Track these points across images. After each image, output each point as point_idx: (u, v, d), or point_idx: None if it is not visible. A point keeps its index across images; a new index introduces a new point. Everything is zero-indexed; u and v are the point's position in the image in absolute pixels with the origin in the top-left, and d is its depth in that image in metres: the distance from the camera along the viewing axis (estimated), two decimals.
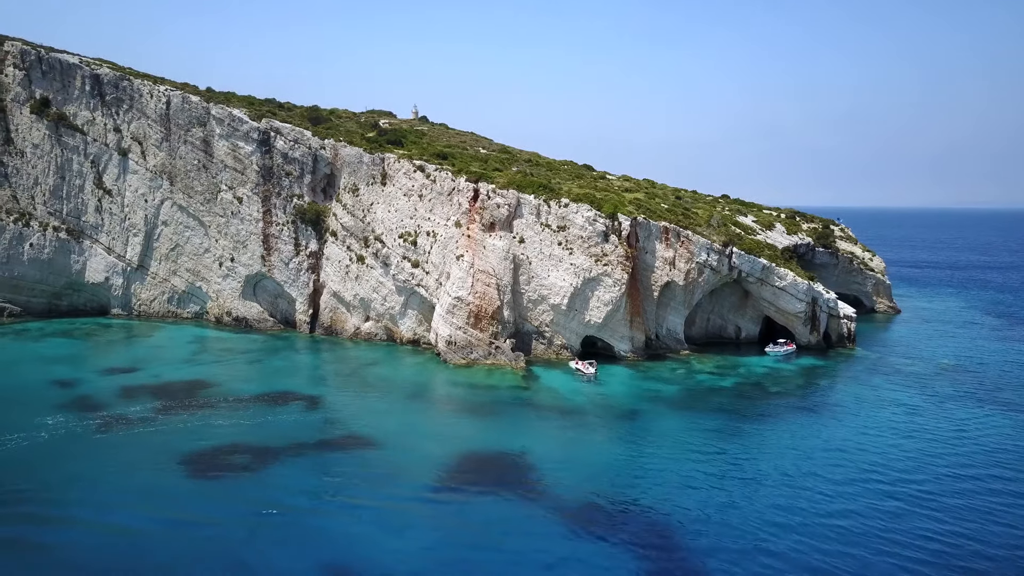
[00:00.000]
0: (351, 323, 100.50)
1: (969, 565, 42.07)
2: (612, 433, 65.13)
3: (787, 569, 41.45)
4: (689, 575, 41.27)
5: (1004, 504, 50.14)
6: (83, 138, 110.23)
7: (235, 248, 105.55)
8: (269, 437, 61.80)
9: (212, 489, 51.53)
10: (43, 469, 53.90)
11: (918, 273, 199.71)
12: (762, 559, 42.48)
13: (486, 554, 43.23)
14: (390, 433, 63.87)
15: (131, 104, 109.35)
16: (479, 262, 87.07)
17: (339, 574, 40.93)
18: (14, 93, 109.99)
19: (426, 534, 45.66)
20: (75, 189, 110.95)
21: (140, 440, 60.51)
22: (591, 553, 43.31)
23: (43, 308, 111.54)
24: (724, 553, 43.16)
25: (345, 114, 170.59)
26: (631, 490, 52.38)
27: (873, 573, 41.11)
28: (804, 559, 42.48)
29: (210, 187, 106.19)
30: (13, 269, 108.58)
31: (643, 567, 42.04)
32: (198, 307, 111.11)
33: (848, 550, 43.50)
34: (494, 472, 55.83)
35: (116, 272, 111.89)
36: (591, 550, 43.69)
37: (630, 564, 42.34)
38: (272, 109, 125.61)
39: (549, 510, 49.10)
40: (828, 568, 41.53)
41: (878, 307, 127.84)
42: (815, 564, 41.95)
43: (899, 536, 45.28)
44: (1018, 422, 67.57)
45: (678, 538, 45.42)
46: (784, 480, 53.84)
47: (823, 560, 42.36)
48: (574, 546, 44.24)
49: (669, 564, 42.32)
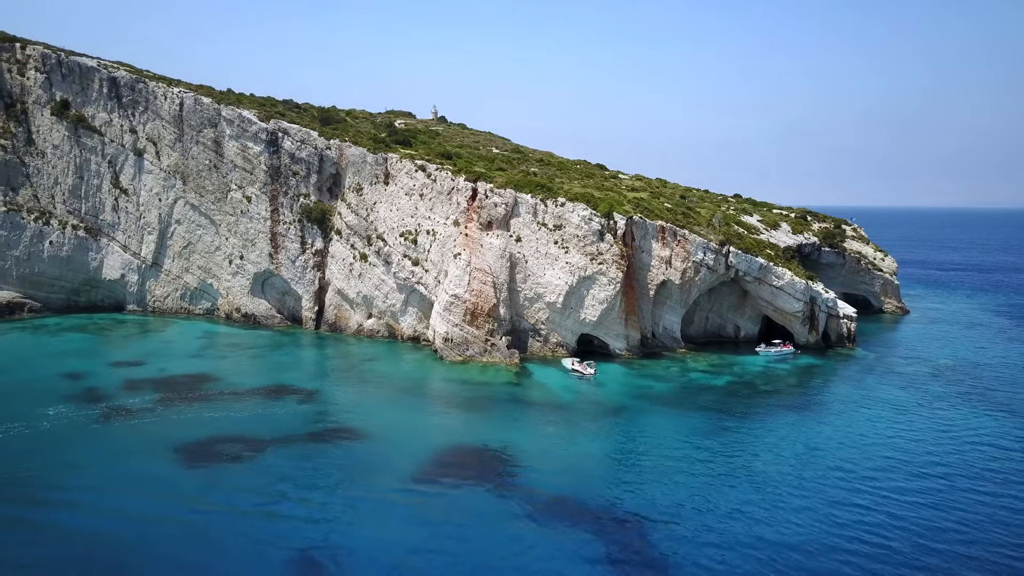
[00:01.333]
0: (354, 320, 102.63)
1: (920, 560, 42.64)
2: (595, 429, 66.12)
3: (740, 562, 42.35)
4: (648, 566, 42.31)
5: (965, 501, 50.52)
6: (101, 139, 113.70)
7: (244, 246, 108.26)
8: (262, 429, 63.88)
9: (200, 477, 53.64)
10: (40, 455, 56.50)
11: (939, 275, 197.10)
12: (721, 553, 43.38)
13: (455, 543, 44.58)
14: (378, 426, 65.58)
15: (146, 106, 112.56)
16: (476, 260, 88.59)
17: (311, 560, 42.56)
18: (36, 95, 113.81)
19: (399, 523, 47.15)
20: (93, 188, 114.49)
21: (137, 430, 62.97)
22: (557, 544, 44.49)
23: (62, 304, 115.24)
24: (685, 546, 44.15)
25: (362, 115, 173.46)
26: (603, 484, 53.50)
27: (823, 569, 41.87)
28: (760, 554, 43.32)
29: (221, 186, 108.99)
30: (33, 266, 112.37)
31: (604, 557, 43.19)
32: (209, 303, 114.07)
33: (802, 545, 44.28)
34: (474, 465, 57.32)
35: (131, 269, 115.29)
36: (557, 541, 44.86)
37: (592, 554, 43.50)
38: (284, 110, 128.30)
39: (522, 502, 50.41)
40: (782, 563, 42.33)
41: (886, 307, 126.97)
42: (768, 559, 42.78)
43: (857, 533, 45.92)
44: (1004, 423, 67.43)
45: (643, 531, 46.51)
46: (753, 478, 54.51)
47: (773, 555, 43.18)
48: (541, 536, 45.47)
49: (630, 555, 43.43)
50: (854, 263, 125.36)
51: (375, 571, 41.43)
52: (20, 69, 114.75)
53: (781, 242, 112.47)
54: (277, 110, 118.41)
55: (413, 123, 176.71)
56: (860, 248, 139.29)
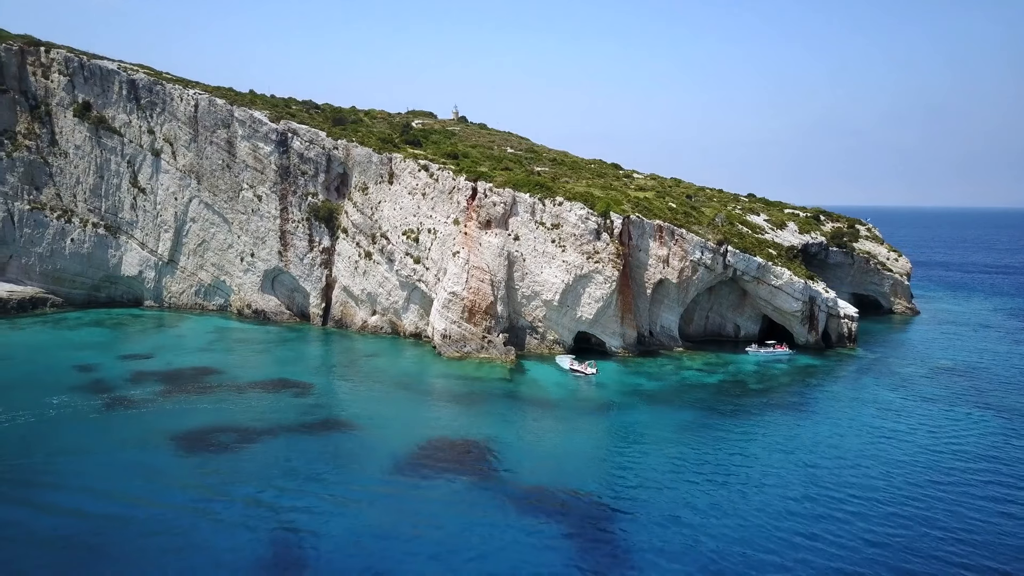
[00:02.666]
0: (359, 316, 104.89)
1: (863, 555, 43.25)
2: (579, 424, 67.31)
3: (698, 550, 43.35)
4: (610, 554, 43.43)
5: (940, 503, 50.79)
6: (120, 139, 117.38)
7: (255, 244, 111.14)
8: (256, 420, 66.13)
9: (189, 464, 55.93)
10: (41, 441, 59.32)
11: (961, 276, 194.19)
12: (682, 542, 44.47)
13: (427, 530, 46.08)
14: (368, 419, 67.49)
15: (163, 107, 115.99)
16: (474, 258, 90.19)
17: (285, 543, 44.30)
18: (59, 97, 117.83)
19: (376, 511, 48.82)
20: (112, 187, 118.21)
21: (136, 419, 65.62)
22: (527, 534, 45.73)
23: (83, 299, 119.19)
24: (648, 535, 45.27)
25: (381, 115, 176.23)
26: (578, 477, 54.68)
27: (770, 562, 42.69)
28: (715, 545, 44.28)
29: (233, 186, 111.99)
30: (56, 262, 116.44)
31: (568, 544, 44.41)
32: (223, 300, 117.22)
33: (751, 540, 45.10)
34: (457, 457, 58.89)
35: (149, 266, 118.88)
36: (528, 531, 46.11)
37: (557, 541, 44.77)
38: (298, 110, 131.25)
39: (498, 492, 51.90)
40: (731, 562, 43.20)
41: (896, 308, 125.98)
42: (721, 549, 43.72)
43: (823, 534, 46.58)
44: (992, 423, 67.31)
45: (610, 520, 47.68)
46: (724, 474, 55.31)
47: (726, 547, 44.08)
48: (512, 525, 46.86)
49: (598, 547, 44.45)
50: (863, 263, 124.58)
51: (345, 555, 43.05)
52: (45, 72, 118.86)
53: (786, 242, 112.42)
54: (289, 111, 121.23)
55: (431, 123, 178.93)
56: (872, 248, 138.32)
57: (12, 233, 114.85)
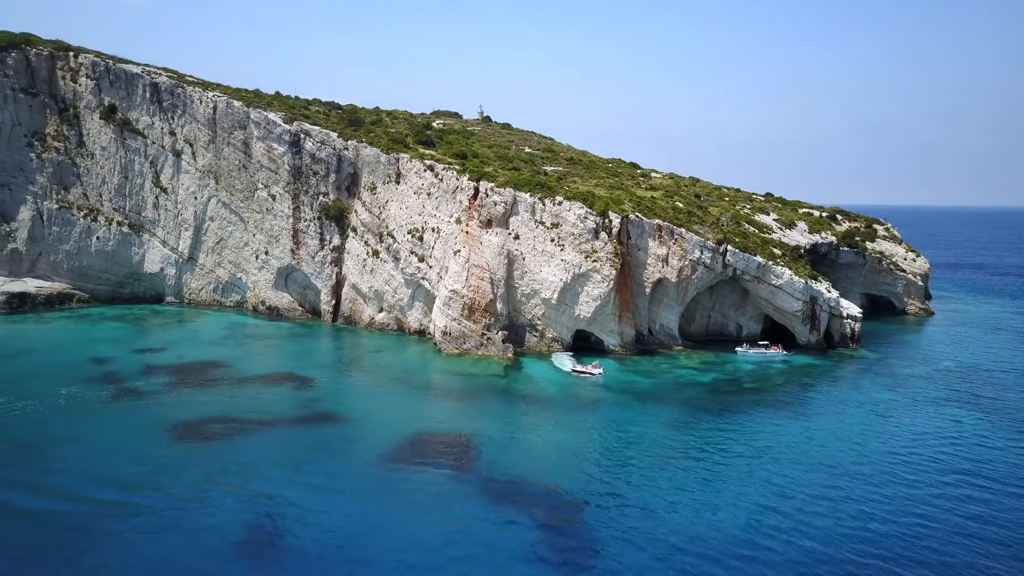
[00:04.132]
0: (367, 313, 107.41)
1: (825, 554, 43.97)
2: (564, 420, 68.57)
3: (663, 543, 44.50)
4: (578, 547, 44.57)
5: (909, 506, 50.89)
6: (143, 141, 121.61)
7: (269, 242, 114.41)
8: (252, 411, 68.77)
9: (182, 452, 58.62)
10: (46, 428, 62.73)
11: (990, 279, 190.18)
12: (650, 535, 45.67)
13: (401, 518, 47.87)
14: (361, 412, 69.72)
15: (184, 109, 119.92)
16: (475, 257, 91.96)
17: (261, 527, 46.41)
18: (86, 101, 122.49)
19: (352, 499, 50.88)
20: (136, 187, 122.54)
21: (139, 409, 68.73)
22: (497, 523, 47.40)
23: (108, 295, 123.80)
24: (616, 531, 46.29)
25: (403, 115, 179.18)
26: (557, 471, 55.85)
27: (736, 554, 43.68)
28: (679, 540, 45.37)
29: (249, 185, 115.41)
30: (82, 259, 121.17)
31: (539, 537, 45.66)
32: (239, 296, 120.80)
33: (721, 537, 46.08)
34: (439, 449, 60.73)
35: (170, 263, 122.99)
36: (498, 520, 47.80)
37: (528, 534, 46.06)
38: (316, 111, 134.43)
39: (473, 484, 53.65)
40: (690, 555, 44.23)
41: (909, 309, 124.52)
42: (681, 546, 44.81)
43: (785, 530, 47.43)
44: (980, 426, 66.92)
45: (581, 515, 48.75)
46: (703, 471, 56.17)
47: (686, 545, 45.13)
48: (484, 514, 48.57)
49: (564, 536, 45.82)
50: (875, 263, 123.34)
51: (319, 539, 44.97)
52: (73, 76, 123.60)
53: (795, 241, 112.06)
54: (304, 112, 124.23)
55: (452, 123, 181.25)
56: (889, 248, 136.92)
57: (41, 231, 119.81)
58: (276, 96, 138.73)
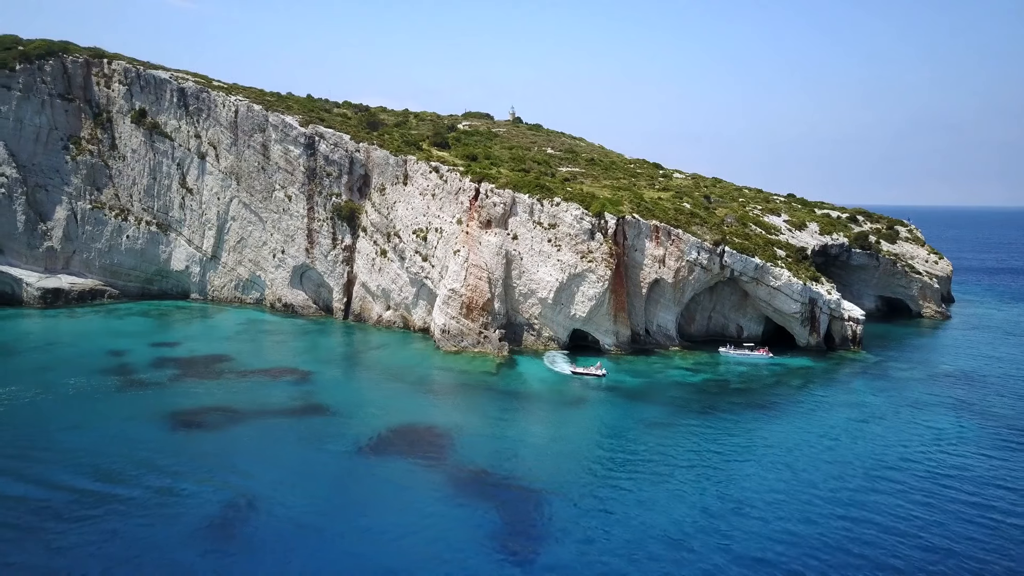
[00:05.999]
0: (375, 311, 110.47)
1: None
2: (545, 416, 70.24)
3: (602, 543, 45.85)
4: (530, 539, 46.08)
5: (867, 505, 51.24)
6: (171, 143, 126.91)
7: (285, 241, 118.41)
8: (246, 403, 72.00)
9: (174, 439, 62.03)
10: (51, 415, 66.79)
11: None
12: (603, 528, 47.06)
13: (363, 507, 50.12)
14: (347, 405, 72.35)
15: (208, 113, 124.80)
16: (474, 257, 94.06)
17: (224, 515, 48.78)
18: (119, 105, 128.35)
19: (321, 486, 53.22)
20: (164, 188, 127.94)
21: (141, 399, 72.54)
22: (456, 514, 49.14)
23: (137, 291, 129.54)
24: (571, 526, 47.50)
25: (430, 117, 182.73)
26: (525, 466, 57.32)
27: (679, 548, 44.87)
28: (633, 540, 46.60)
29: (267, 186, 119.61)
30: (113, 257, 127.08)
31: (494, 527, 47.25)
32: (258, 294, 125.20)
33: (667, 535, 47.24)
34: (415, 441, 63.00)
35: (195, 261, 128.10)
36: (458, 511, 49.56)
37: (484, 524, 47.59)
38: (338, 113, 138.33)
39: (441, 474, 55.79)
40: (642, 552, 45.51)
41: (924, 312, 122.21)
42: (633, 543, 46.12)
43: (740, 530, 48.31)
44: (960, 432, 66.19)
45: (540, 509, 50.02)
46: (664, 470, 56.98)
47: (639, 542, 46.41)
48: (444, 504, 50.49)
49: (519, 528, 47.34)
50: (889, 265, 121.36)
51: (273, 526, 47.28)
52: (107, 82, 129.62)
53: (803, 243, 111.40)
54: (320, 114, 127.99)
55: (478, 125, 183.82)
56: (910, 250, 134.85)
57: (75, 230, 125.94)
58: (296, 99, 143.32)
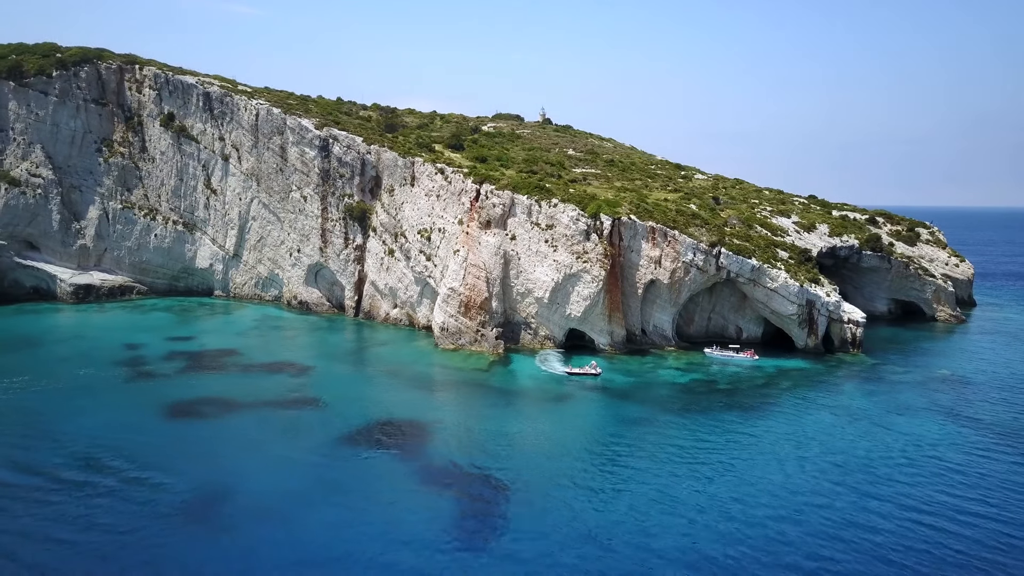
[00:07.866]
0: (383, 309, 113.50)
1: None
2: (527, 412, 71.78)
3: (559, 535, 47.43)
4: (490, 529, 47.69)
5: (839, 516, 51.23)
6: (197, 146, 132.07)
7: (301, 240, 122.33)
8: (243, 394, 75.40)
9: (170, 426, 65.64)
10: (59, 401, 71.21)
11: None
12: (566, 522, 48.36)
13: (333, 496, 52.19)
14: (339, 398, 75.10)
15: (231, 116, 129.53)
16: (472, 256, 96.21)
17: (195, 502, 51.26)
18: (149, 109, 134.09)
19: (295, 475, 55.78)
20: (190, 189, 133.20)
21: (145, 389, 76.65)
22: (420, 505, 51.04)
23: (164, 288, 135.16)
24: (533, 519, 48.84)
25: (456, 118, 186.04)
26: (496, 460, 58.88)
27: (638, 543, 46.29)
28: (590, 534, 48.06)
29: (284, 187, 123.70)
30: (142, 255, 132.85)
31: (455, 519, 49.09)
32: (277, 291, 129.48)
33: (632, 531, 48.61)
34: (396, 434, 65.41)
35: (218, 260, 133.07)
36: (423, 502, 51.50)
37: (446, 516, 49.47)
38: (364, 116, 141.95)
39: (414, 464, 58.22)
40: (596, 546, 46.98)
41: (939, 315, 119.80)
42: (590, 535, 47.67)
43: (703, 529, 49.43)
44: (942, 437, 65.57)
45: (505, 502, 51.45)
46: (641, 471, 57.53)
47: (595, 534, 47.90)
48: (411, 494, 52.59)
49: (480, 519, 48.97)
50: (901, 268, 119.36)
51: (244, 510, 49.83)
52: (138, 87, 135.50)
53: (811, 245, 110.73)
54: (335, 117, 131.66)
55: (503, 126, 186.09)
56: (929, 252, 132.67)
57: (107, 229, 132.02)
58: (317, 101, 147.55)
